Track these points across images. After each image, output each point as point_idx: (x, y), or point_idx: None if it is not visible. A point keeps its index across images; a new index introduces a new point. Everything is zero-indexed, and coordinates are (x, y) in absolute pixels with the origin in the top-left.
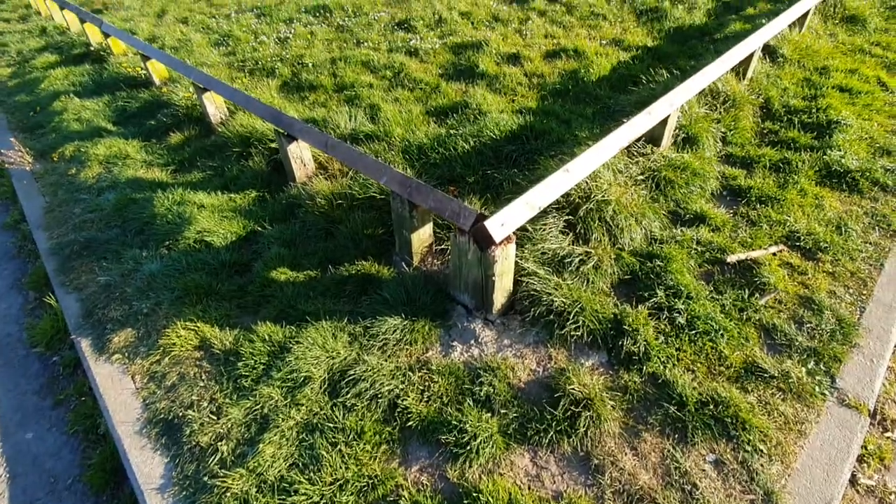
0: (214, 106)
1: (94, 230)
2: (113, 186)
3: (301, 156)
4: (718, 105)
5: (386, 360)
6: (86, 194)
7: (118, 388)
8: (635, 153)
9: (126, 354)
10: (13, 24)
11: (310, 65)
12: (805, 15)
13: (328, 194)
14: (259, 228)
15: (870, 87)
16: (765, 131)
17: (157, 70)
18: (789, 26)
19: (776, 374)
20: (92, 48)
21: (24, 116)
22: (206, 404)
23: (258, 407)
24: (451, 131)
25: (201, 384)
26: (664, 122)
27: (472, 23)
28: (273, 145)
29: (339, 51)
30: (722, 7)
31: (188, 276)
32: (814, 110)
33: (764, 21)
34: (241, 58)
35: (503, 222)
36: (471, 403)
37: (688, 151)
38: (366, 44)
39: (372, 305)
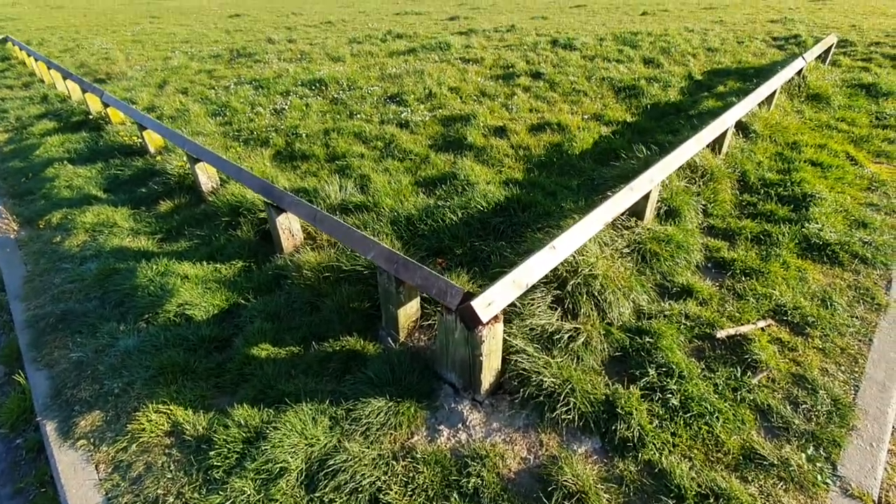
0: (206, 175)
1: (73, 301)
2: (97, 255)
3: (290, 227)
4: (697, 179)
5: (368, 447)
6: (68, 263)
7: (80, 479)
8: (620, 226)
9: (92, 440)
10: (16, 90)
11: (303, 135)
12: (773, 94)
13: (315, 266)
14: (243, 301)
15: (839, 161)
16: (743, 203)
17: (153, 139)
18: (759, 104)
19: (776, 462)
20: (91, 116)
21: (16, 182)
22: (172, 500)
23: (228, 503)
24: (440, 202)
25: (169, 475)
26: (646, 197)
27: (461, 97)
28: (262, 215)
29: (332, 122)
30: (695, 85)
31: (165, 353)
32: (788, 183)
33: (734, 99)
34: (236, 127)
35: (490, 301)
36: (458, 498)
37: (671, 224)
38: (359, 116)
39: (356, 385)
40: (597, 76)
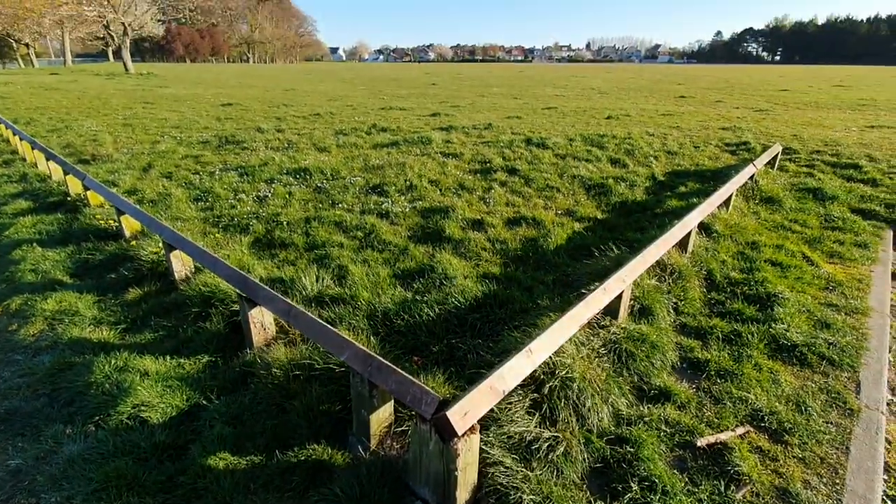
0: (181, 263)
1: (19, 399)
2: (53, 347)
3: (262, 320)
4: (667, 277)
5: None
6: (21, 355)
7: None
8: (595, 325)
9: None
10: None
11: (284, 223)
12: (730, 197)
13: (285, 363)
14: (205, 401)
15: (797, 261)
16: (712, 301)
17: (130, 224)
18: (718, 206)
19: None
20: (69, 198)
21: None
22: None
23: None
24: (417, 297)
25: None
26: (619, 297)
27: (440, 190)
28: (235, 307)
29: (314, 210)
30: (658, 185)
31: (112, 462)
32: (752, 283)
33: (695, 200)
34: (217, 213)
35: (467, 411)
36: None
37: (644, 322)
38: (341, 205)
39: (321, 503)
40: (568, 174)
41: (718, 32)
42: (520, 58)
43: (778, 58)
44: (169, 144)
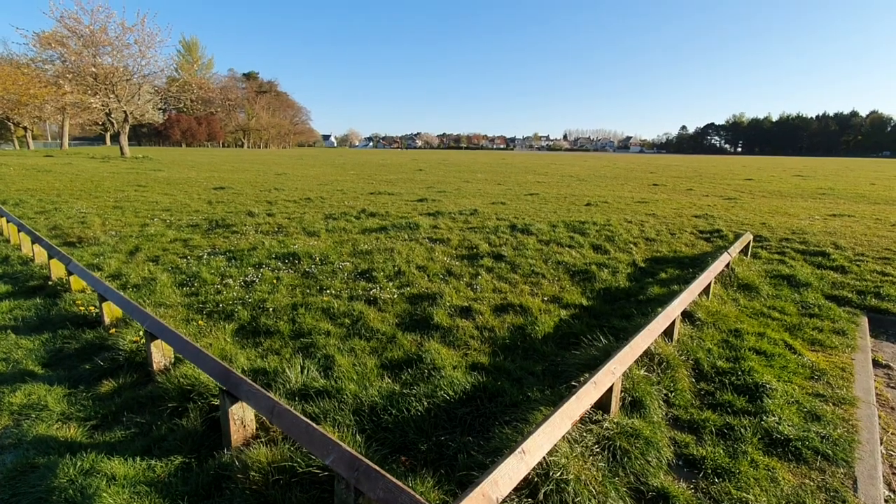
0: (161, 353)
1: None
2: (16, 445)
3: (243, 417)
4: (655, 367)
5: None
6: None
7: None
8: (587, 419)
9: None
10: None
11: (270, 309)
12: (709, 285)
13: (265, 465)
14: None
15: (780, 349)
16: (702, 392)
17: (111, 311)
18: (699, 294)
19: None
20: (51, 282)
21: None
22: None
23: None
24: (405, 389)
25: None
26: (610, 390)
27: (428, 275)
28: (214, 401)
29: (301, 296)
30: (639, 272)
31: None
32: (739, 372)
33: (676, 287)
34: (202, 299)
35: None
36: None
37: (637, 416)
38: (328, 291)
39: None
40: (552, 259)
41: (684, 126)
42: (502, 146)
43: (740, 149)
44: (158, 227)
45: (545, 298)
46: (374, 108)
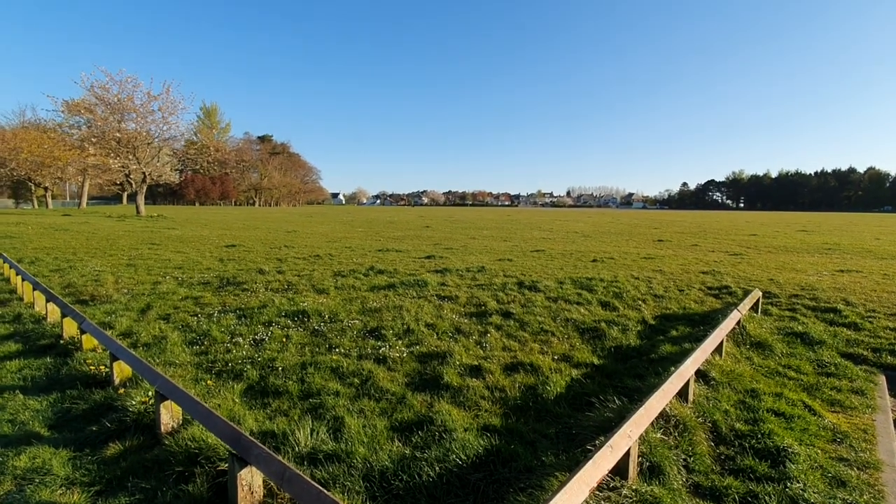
0: (170, 414)
1: None
2: None
3: (251, 482)
4: (672, 429)
5: None
6: None
7: None
8: (605, 486)
9: None
10: None
11: (279, 369)
12: (721, 343)
13: None
14: None
15: (799, 411)
16: (722, 457)
17: (121, 370)
18: (711, 353)
19: None
20: (62, 340)
21: None
22: None
23: None
24: (416, 452)
25: None
26: (627, 454)
27: (437, 333)
28: (222, 466)
29: (310, 355)
30: (649, 329)
31: None
32: (759, 435)
33: (688, 345)
34: (212, 358)
35: None
36: None
37: (656, 482)
38: (338, 349)
39: None
40: (561, 317)
41: (685, 183)
42: (507, 203)
43: (742, 205)
44: (170, 285)
45: (555, 357)
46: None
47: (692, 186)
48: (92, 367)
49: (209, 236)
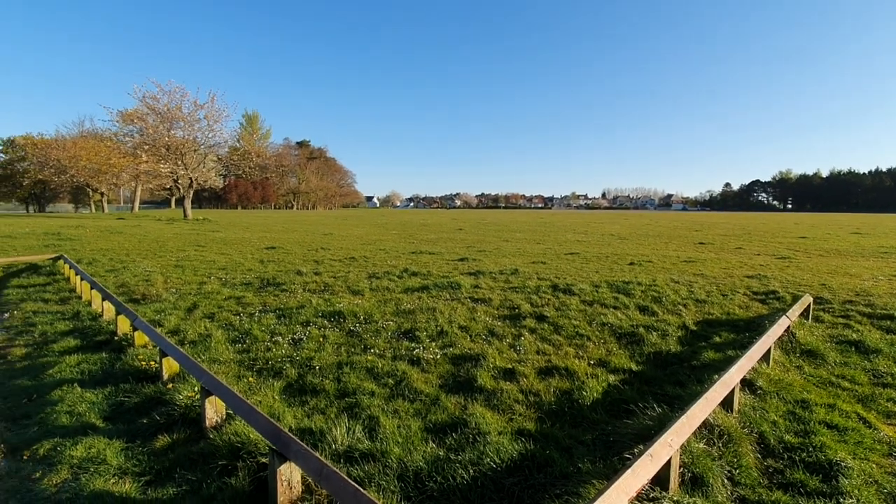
0: (214, 409)
1: None
2: (73, 500)
3: (290, 478)
4: (715, 439)
5: None
6: None
7: None
8: (644, 496)
9: None
10: (51, 304)
11: (317, 368)
12: (768, 350)
13: None
14: None
15: (853, 423)
16: (770, 470)
17: (170, 366)
18: (758, 361)
19: None
20: (116, 337)
21: (17, 403)
22: None
23: None
24: (451, 454)
25: None
26: (668, 464)
27: (471, 336)
28: (262, 460)
29: (346, 355)
30: (691, 335)
31: None
32: (810, 448)
33: (732, 352)
34: (253, 356)
35: None
36: None
37: (698, 494)
38: (372, 350)
39: None
40: (597, 321)
41: (727, 183)
42: (540, 205)
43: (789, 206)
44: (214, 285)
45: (591, 362)
46: (416, 169)
47: (735, 187)
48: (143, 363)
49: (250, 238)
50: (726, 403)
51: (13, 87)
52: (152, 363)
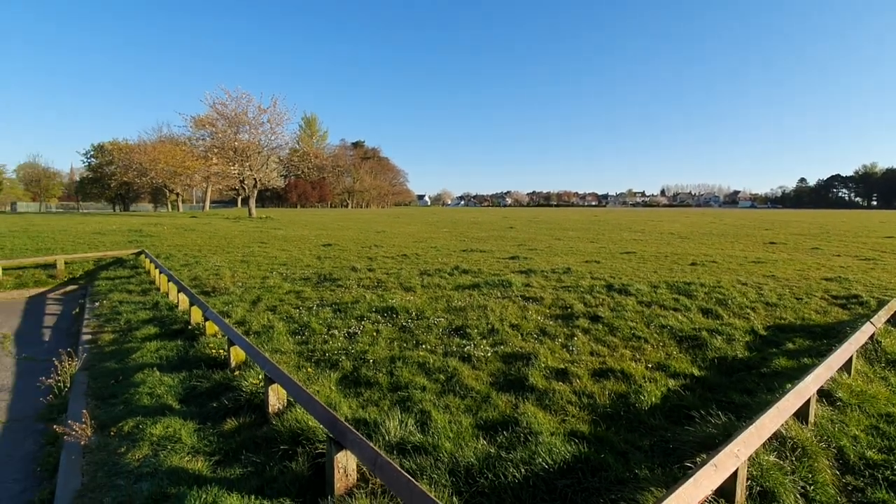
0: (276, 396)
1: None
2: (153, 474)
3: (346, 466)
4: (787, 453)
5: None
6: (123, 479)
7: None
8: None
9: None
10: (134, 295)
11: (371, 361)
12: (850, 359)
13: None
14: None
15: None
16: (849, 487)
17: (237, 354)
18: (837, 370)
19: None
20: (190, 326)
21: (105, 384)
22: None
23: None
24: (502, 452)
25: None
26: (734, 476)
27: (522, 335)
28: (320, 447)
29: (399, 350)
30: (761, 341)
31: None
32: (894, 466)
33: (807, 360)
34: (311, 348)
35: None
36: None
37: None
38: (424, 346)
39: None
40: (655, 323)
41: (802, 178)
42: (594, 203)
43: (874, 202)
44: (276, 280)
45: (649, 365)
46: (467, 168)
47: (811, 182)
48: (213, 351)
49: (308, 236)
50: (800, 415)
51: (106, 95)
52: (221, 351)
